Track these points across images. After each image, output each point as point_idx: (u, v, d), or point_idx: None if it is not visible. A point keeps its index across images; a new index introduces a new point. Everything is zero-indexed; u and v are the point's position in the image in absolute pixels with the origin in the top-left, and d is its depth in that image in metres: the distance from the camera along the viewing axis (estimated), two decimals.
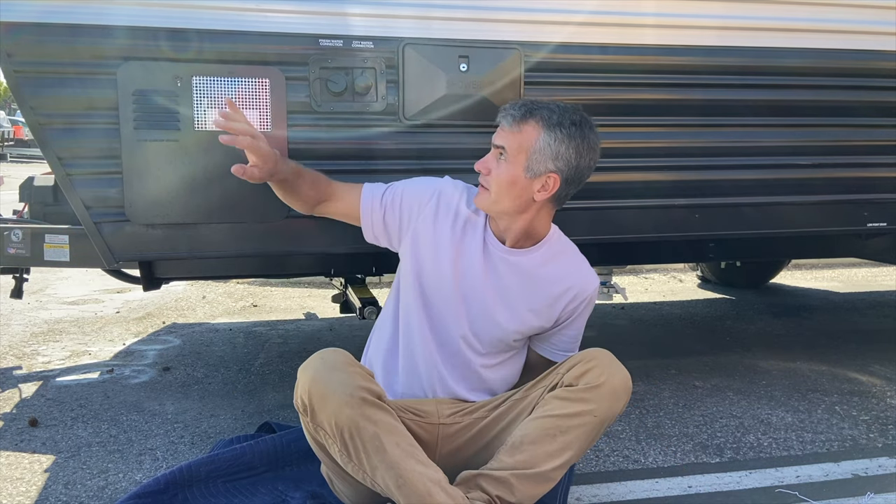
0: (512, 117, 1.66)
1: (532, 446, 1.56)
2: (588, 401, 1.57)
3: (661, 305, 4.35)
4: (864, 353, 3.25)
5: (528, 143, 1.65)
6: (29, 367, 2.96)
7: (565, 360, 1.68)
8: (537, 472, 1.55)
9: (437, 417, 1.71)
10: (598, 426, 1.60)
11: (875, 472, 2.05)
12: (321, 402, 1.47)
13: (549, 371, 1.70)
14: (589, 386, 1.58)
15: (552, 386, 1.64)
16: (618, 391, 1.60)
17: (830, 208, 2.53)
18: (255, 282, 4.70)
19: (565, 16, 2.14)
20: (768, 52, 2.31)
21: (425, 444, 1.68)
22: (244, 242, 2.07)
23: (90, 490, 1.90)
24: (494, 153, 1.69)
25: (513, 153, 1.65)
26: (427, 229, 1.76)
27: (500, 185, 1.66)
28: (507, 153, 1.66)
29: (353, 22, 2.01)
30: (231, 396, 2.65)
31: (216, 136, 1.95)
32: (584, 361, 1.62)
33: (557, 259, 1.78)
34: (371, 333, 1.91)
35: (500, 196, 1.67)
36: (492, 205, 1.70)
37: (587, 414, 1.57)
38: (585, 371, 1.60)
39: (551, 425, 1.57)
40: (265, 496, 1.72)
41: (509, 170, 1.66)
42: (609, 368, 1.61)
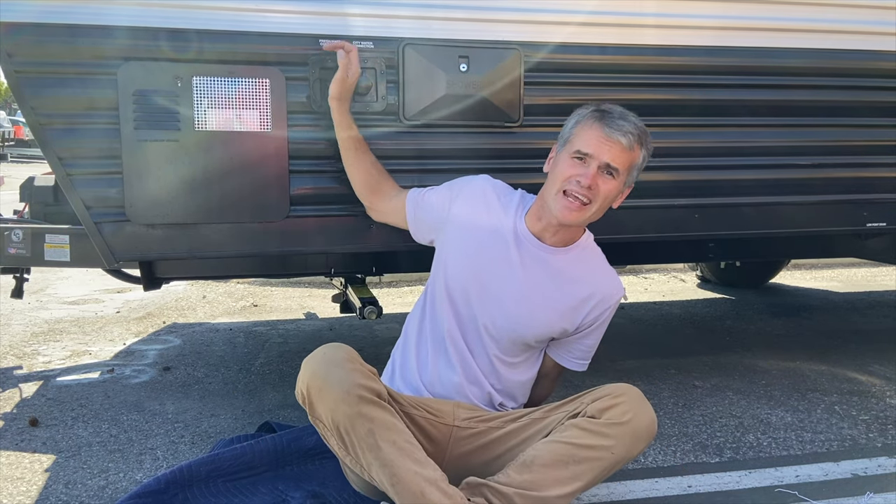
0: (629, 138, 1.66)
1: (542, 469, 1.54)
2: (608, 436, 1.55)
3: (661, 305, 4.35)
4: (864, 353, 3.25)
5: (636, 161, 1.71)
6: (29, 367, 2.96)
7: (592, 390, 1.66)
8: (542, 496, 1.53)
9: (452, 419, 1.71)
10: (613, 464, 1.57)
11: (875, 471, 2.05)
12: (319, 396, 1.49)
13: (574, 397, 1.68)
14: (612, 422, 1.56)
15: (574, 413, 1.62)
16: (640, 433, 1.57)
17: (830, 208, 2.53)
18: (255, 282, 4.70)
19: (565, 16, 2.14)
20: (768, 52, 2.31)
21: (436, 443, 1.68)
22: (244, 242, 2.07)
23: (90, 490, 1.90)
24: (598, 170, 1.65)
25: (623, 171, 1.68)
26: (456, 234, 1.79)
27: (606, 199, 1.69)
28: (618, 172, 1.67)
29: (353, 22, 2.02)
30: (231, 396, 2.65)
31: (216, 137, 1.96)
32: (612, 396, 1.60)
33: (588, 263, 1.81)
34: (405, 325, 1.92)
35: (600, 209, 1.70)
36: (589, 218, 1.71)
37: (605, 449, 1.55)
38: (612, 405, 1.58)
39: (566, 452, 1.55)
40: (265, 496, 1.72)
41: (616, 185, 1.69)
42: (636, 407, 1.58)
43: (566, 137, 1.73)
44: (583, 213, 1.67)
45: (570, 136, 1.71)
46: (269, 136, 1.99)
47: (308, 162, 2.05)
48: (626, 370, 1.64)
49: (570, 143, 1.70)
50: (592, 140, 1.66)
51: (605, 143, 1.65)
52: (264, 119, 1.98)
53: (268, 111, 1.98)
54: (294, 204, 2.06)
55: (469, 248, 1.77)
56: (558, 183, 1.68)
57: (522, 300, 1.74)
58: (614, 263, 1.88)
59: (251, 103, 1.97)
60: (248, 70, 1.96)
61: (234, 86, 1.95)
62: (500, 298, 1.74)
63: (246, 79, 1.95)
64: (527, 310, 1.74)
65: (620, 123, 1.66)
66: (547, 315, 1.75)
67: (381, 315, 2.63)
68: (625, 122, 1.67)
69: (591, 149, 1.66)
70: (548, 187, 1.73)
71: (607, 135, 1.65)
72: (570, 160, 1.68)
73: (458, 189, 1.85)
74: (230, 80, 1.95)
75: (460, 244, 1.78)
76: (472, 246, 1.77)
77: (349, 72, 1.87)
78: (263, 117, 1.98)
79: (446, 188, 1.88)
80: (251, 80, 1.96)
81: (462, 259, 1.76)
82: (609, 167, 1.66)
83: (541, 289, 1.74)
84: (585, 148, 1.66)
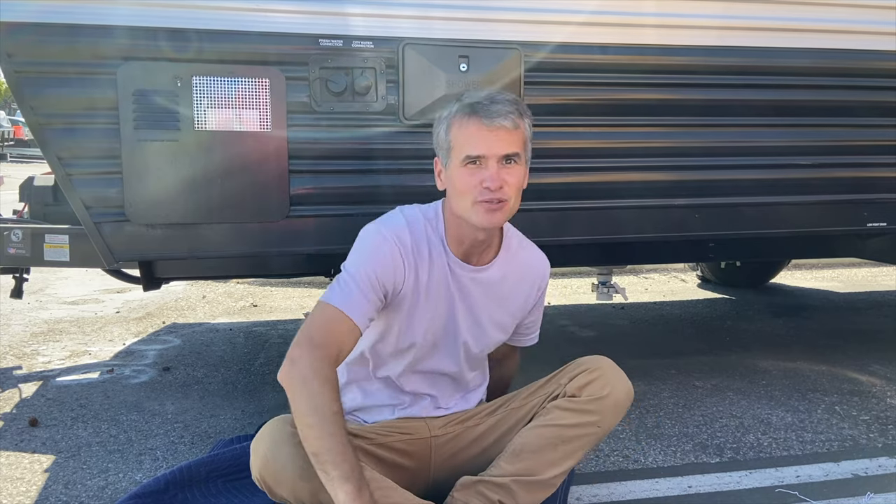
0: (511, 118, 1.51)
1: (533, 455, 1.55)
2: (592, 412, 1.56)
3: (661, 305, 4.35)
4: (864, 353, 3.24)
5: (527, 136, 1.57)
6: (29, 367, 2.96)
7: (566, 369, 1.66)
8: (539, 479, 1.54)
9: (428, 431, 1.69)
10: (600, 436, 1.60)
11: (875, 471, 2.05)
12: (276, 481, 1.45)
13: (549, 379, 1.68)
14: (593, 398, 1.57)
15: (553, 395, 1.62)
16: (620, 402, 1.59)
17: (830, 208, 2.53)
18: (255, 282, 4.70)
19: (565, 16, 2.14)
20: (768, 52, 2.31)
21: (418, 458, 1.66)
22: (244, 242, 2.07)
23: (90, 490, 1.90)
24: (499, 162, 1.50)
25: (521, 152, 1.55)
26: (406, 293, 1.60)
27: (519, 189, 1.56)
28: (518, 156, 1.54)
29: (353, 22, 2.02)
30: (231, 396, 2.65)
31: (216, 137, 1.96)
32: (588, 371, 1.60)
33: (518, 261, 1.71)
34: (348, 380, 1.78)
35: (517, 201, 1.57)
36: (510, 214, 1.57)
37: (591, 425, 1.56)
38: (589, 381, 1.58)
39: (553, 435, 1.56)
40: (265, 497, 1.72)
41: (522, 170, 1.56)
42: (613, 379, 1.59)
43: (446, 147, 1.54)
44: (504, 211, 1.53)
45: (451, 144, 1.53)
46: (269, 136, 1.99)
47: (308, 162, 2.05)
48: (626, 370, 1.63)
49: (453, 151, 1.53)
50: (478, 139, 1.50)
51: (492, 136, 1.50)
52: (264, 119, 1.98)
53: (268, 111, 1.98)
54: (294, 204, 2.06)
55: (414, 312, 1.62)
56: (466, 196, 1.51)
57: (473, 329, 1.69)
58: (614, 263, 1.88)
59: (251, 103, 1.97)
60: (248, 70, 1.95)
61: (234, 86, 1.95)
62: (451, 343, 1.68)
63: (246, 79, 1.95)
64: (480, 334, 1.70)
65: (495, 108, 1.50)
66: (498, 329, 1.72)
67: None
68: (498, 105, 1.51)
69: (481, 150, 1.49)
70: (456, 204, 1.55)
71: (489, 126, 1.49)
72: (464, 169, 1.50)
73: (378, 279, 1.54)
74: (230, 80, 1.94)
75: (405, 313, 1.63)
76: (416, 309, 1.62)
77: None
78: (263, 117, 1.98)
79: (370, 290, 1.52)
80: (251, 80, 1.96)
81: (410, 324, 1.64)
82: (507, 157, 1.51)
83: (487, 311, 1.68)
84: (475, 151, 1.49)
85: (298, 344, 1.43)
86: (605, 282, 3.01)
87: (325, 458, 1.32)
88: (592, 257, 2.83)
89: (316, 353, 1.42)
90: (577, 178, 2.29)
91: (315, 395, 1.36)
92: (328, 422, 1.34)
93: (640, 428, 2.35)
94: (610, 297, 2.99)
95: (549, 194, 2.27)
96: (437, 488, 1.65)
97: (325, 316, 1.48)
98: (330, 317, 1.48)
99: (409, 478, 1.61)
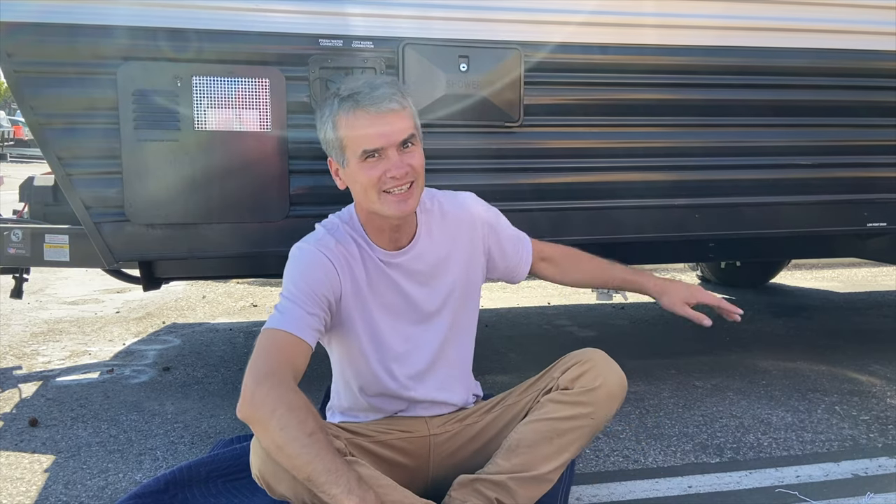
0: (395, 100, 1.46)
1: (529, 450, 1.55)
2: (585, 404, 1.57)
3: None
4: (864, 353, 3.24)
5: (413, 113, 1.53)
6: (29, 367, 2.96)
7: (559, 362, 1.66)
8: (535, 474, 1.55)
9: (427, 430, 1.69)
10: (595, 428, 1.60)
11: (875, 472, 2.05)
12: (275, 479, 1.44)
13: (543, 374, 1.69)
14: (585, 389, 1.57)
15: (547, 389, 1.63)
16: (614, 393, 1.59)
17: (830, 208, 2.53)
18: (255, 282, 4.70)
19: (565, 16, 2.14)
20: (768, 52, 2.31)
21: (417, 457, 1.67)
22: (244, 242, 2.07)
23: (90, 490, 1.90)
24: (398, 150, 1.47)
25: (416, 131, 1.52)
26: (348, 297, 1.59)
27: (422, 168, 1.52)
28: (414, 136, 1.50)
29: (353, 22, 2.02)
30: (231, 396, 2.65)
31: (216, 137, 1.96)
32: (580, 364, 1.61)
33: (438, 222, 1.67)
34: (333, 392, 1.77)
35: (423, 181, 1.55)
36: (419, 197, 1.55)
37: (584, 417, 1.57)
38: (581, 373, 1.59)
39: (548, 428, 1.56)
40: (265, 496, 1.72)
41: (420, 149, 1.52)
42: (605, 370, 1.59)
43: (338, 146, 1.50)
44: (414, 195, 1.52)
45: (343, 143, 1.49)
46: (269, 135, 1.99)
47: (308, 162, 2.05)
48: (626, 370, 1.63)
49: (348, 149, 1.49)
50: (369, 132, 1.46)
51: (384, 124, 1.46)
52: (264, 119, 1.98)
53: (268, 111, 1.98)
54: (294, 204, 2.06)
55: (368, 312, 1.61)
56: (372, 190, 1.48)
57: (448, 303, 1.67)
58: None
59: (251, 103, 1.97)
60: (247, 70, 1.95)
61: (234, 86, 1.95)
62: (422, 319, 1.66)
63: (246, 79, 1.95)
64: (455, 305, 1.68)
65: (378, 94, 1.46)
66: (469, 294, 1.70)
67: None
68: (380, 89, 1.47)
69: (377, 142, 1.46)
70: (364, 200, 1.52)
71: (378, 113, 1.45)
72: (364, 164, 1.47)
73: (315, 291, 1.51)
74: (230, 80, 1.95)
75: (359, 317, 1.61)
76: (368, 308, 1.61)
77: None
78: (263, 117, 1.98)
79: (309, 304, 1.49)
80: (251, 80, 1.96)
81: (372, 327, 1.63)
82: (405, 142, 1.48)
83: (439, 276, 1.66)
84: (372, 144, 1.46)
85: (251, 376, 1.37)
86: None
87: (321, 479, 1.30)
88: None
89: (272, 380, 1.36)
90: (577, 178, 2.29)
91: (287, 425, 1.31)
92: (309, 446, 1.30)
93: (640, 428, 2.35)
94: (610, 297, 2.99)
95: (549, 194, 2.27)
96: (436, 487, 1.65)
97: (270, 341, 1.43)
98: (275, 340, 1.43)
99: (408, 477, 1.61)
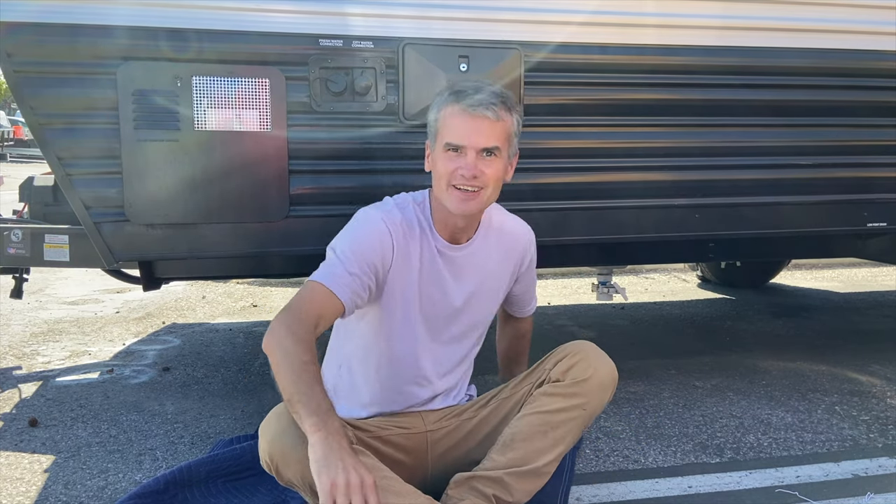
0: (493, 109, 1.54)
1: (524, 443, 1.57)
2: (577, 395, 1.59)
3: (661, 305, 4.35)
4: (864, 353, 3.24)
5: (511, 130, 1.59)
6: (29, 367, 2.96)
7: (551, 355, 1.68)
8: (531, 468, 1.56)
9: (424, 425, 1.71)
10: (587, 418, 1.62)
11: (875, 472, 2.05)
12: (284, 462, 1.45)
13: (536, 367, 1.70)
14: (576, 380, 1.59)
15: (539, 382, 1.65)
16: (605, 383, 1.62)
17: (830, 208, 2.53)
18: (255, 282, 4.70)
19: (565, 16, 2.14)
20: (768, 52, 2.31)
21: (414, 454, 1.67)
22: (244, 242, 2.07)
23: (90, 490, 1.90)
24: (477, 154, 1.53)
25: (502, 145, 1.57)
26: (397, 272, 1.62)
27: (497, 180, 1.59)
28: (498, 149, 1.56)
29: (353, 22, 2.02)
30: (231, 396, 2.65)
31: (216, 137, 1.96)
32: (570, 356, 1.63)
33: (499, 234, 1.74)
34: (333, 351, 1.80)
35: (494, 192, 1.60)
36: (485, 204, 1.61)
37: (577, 408, 1.59)
38: (572, 365, 1.61)
39: (541, 421, 1.58)
40: (265, 496, 1.72)
41: (501, 163, 1.58)
42: (595, 361, 1.62)
43: (434, 130, 1.60)
44: (478, 201, 1.57)
45: (437, 128, 1.58)
46: (269, 135, 1.99)
47: (308, 162, 2.05)
48: (627, 370, 1.64)
49: (439, 135, 1.57)
50: (460, 128, 1.53)
51: (473, 126, 1.53)
52: (264, 119, 1.98)
53: (268, 111, 1.98)
54: (294, 204, 2.06)
55: (408, 289, 1.65)
56: (443, 180, 1.56)
57: (468, 302, 1.72)
58: (614, 263, 1.88)
59: (251, 103, 1.97)
60: (248, 70, 1.95)
61: (234, 86, 1.95)
62: (450, 317, 1.71)
63: (246, 79, 1.95)
64: (474, 305, 1.73)
65: (479, 98, 1.53)
66: (489, 298, 1.76)
67: None
68: (483, 95, 1.54)
69: (461, 139, 1.53)
70: (436, 186, 1.60)
71: (472, 115, 1.53)
72: (445, 154, 1.55)
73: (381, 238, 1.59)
74: (230, 80, 1.94)
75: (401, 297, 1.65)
76: (409, 286, 1.65)
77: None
78: (263, 117, 1.98)
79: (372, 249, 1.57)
80: (251, 80, 1.96)
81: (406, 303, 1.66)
82: (487, 150, 1.54)
83: (477, 284, 1.72)
84: (455, 139, 1.53)
85: (278, 314, 1.48)
86: (605, 282, 3.01)
87: (295, 399, 1.36)
88: (592, 257, 2.83)
89: (292, 317, 1.46)
90: (577, 178, 2.29)
91: (288, 352, 1.40)
92: (298, 369, 1.38)
93: (640, 428, 2.35)
94: (610, 297, 2.99)
95: (549, 194, 2.28)
96: (434, 486, 1.65)
97: (307, 290, 1.53)
98: (312, 289, 1.53)
99: (407, 474, 1.61)
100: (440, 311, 1.69)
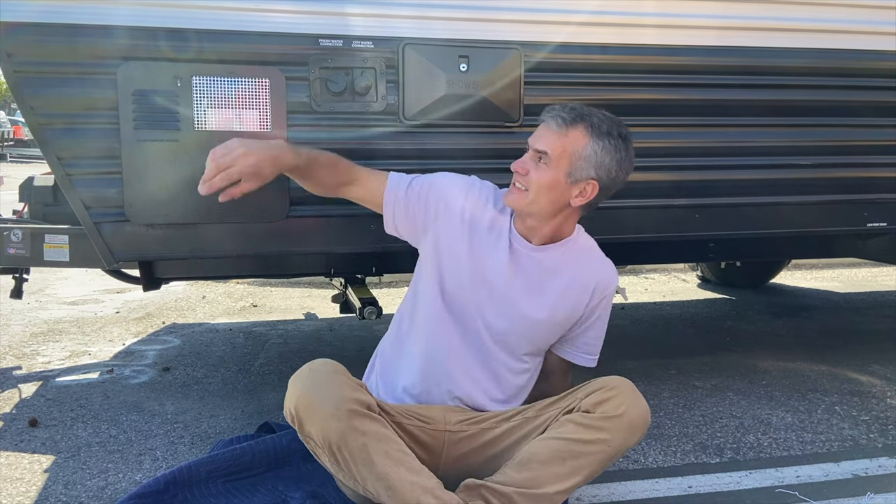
0: (561, 120, 1.65)
1: (540, 466, 1.54)
2: (604, 430, 1.55)
3: (661, 305, 4.35)
4: (864, 353, 3.24)
5: (574, 149, 1.65)
6: (29, 367, 2.96)
7: (585, 385, 1.66)
8: (541, 493, 1.53)
9: (444, 424, 1.70)
10: (610, 456, 1.58)
11: (875, 472, 2.05)
12: (308, 414, 1.47)
13: (567, 393, 1.68)
14: (607, 415, 1.56)
15: (569, 409, 1.62)
16: (635, 424, 1.58)
17: (830, 208, 2.53)
18: (255, 282, 4.70)
19: (565, 16, 2.14)
20: (768, 52, 2.31)
21: (429, 450, 1.67)
22: (244, 242, 2.07)
23: (90, 490, 1.90)
24: (533, 156, 1.68)
25: (555, 157, 1.65)
26: (452, 229, 1.74)
27: (540, 187, 1.66)
28: (548, 157, 1.65)
29: (353, 22, 2.01)
30: (231, 396, 2.65)
31: (216, 137, 1.96)
32: (605, 389, 1.60)
33: (581, 256, 1.80)
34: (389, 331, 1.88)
35: (539, 198, 1.67)
36: (527, 205, 1.69)
37: (601, 443, 1.55)
38: (605, 399, 1.58)
39: (563, 448, 1.55)
40: (265, 496, 1.72)
41: (550, 173, 1.66)
42: (629, 400, 1.58)
43: None
44: (520, 197, 1.69)
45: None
46: (269, 136, 1.98)
47: None
48: (627, 370, 1.64)
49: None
50: (534, 132, 1.71)
51: (539, 132, 1.69)
52: (264, 119, 1.98)
53: (268, 111, 1.98)
54: (294, 204, 2.06)
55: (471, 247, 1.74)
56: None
57: (524, 302, 1.73)
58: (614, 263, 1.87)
59: (251, 103, 1.97)
60: (248, 70, 1.95)
61: (234, 86, 1.95)
62: (505, 304, 1.73)
63: (246, 79, 1.95)
64: (530, 309, 1.74)
65: (554, 112, 1.67)
66: (550, 309, 1.75)
67: (380, 315, 2.63)
68: (560, 111, 1.67)
69: (530, 140, 1.71)
70: None
71: (544, 124, 1.69)
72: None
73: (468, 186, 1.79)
74: (230, 80, 1.94)
75: (461, 242, 1.75)
76: (474, 245, 1.74)
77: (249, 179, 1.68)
78: (263, 117, 1.98)
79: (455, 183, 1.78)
80: (251, 80, 1.96)
81: (462, 258, 1.74)
82: (538, 152, 1.67)
83: (540, 287, 1.74)
84: (530, 140, 1.71)
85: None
86: None
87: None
88: None
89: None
90: None
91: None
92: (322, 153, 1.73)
93: None
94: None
95: None
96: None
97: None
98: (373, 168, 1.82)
99: None
100: (483, 289, 1.73)
